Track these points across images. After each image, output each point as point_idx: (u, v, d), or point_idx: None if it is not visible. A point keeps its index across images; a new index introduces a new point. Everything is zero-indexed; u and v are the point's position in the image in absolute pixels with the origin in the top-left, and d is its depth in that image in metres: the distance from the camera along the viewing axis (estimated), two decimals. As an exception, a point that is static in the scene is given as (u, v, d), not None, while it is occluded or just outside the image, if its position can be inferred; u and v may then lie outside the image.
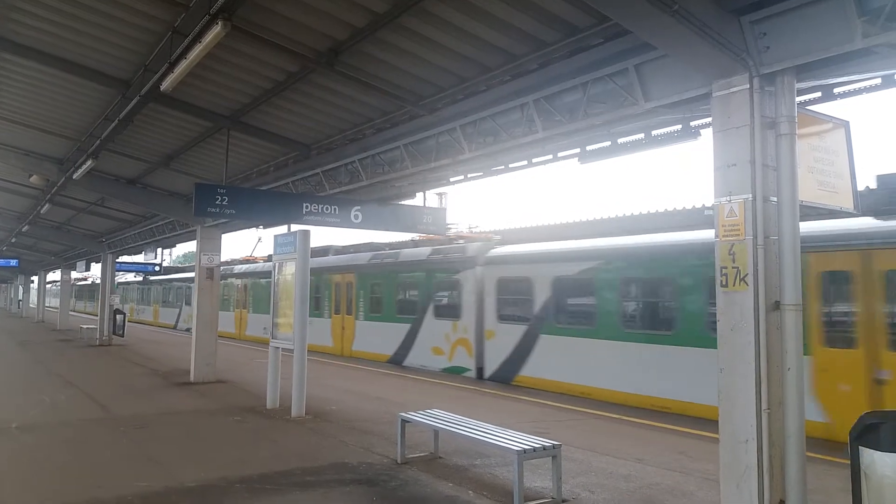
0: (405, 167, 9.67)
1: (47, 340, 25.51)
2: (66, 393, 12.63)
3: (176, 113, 10.50)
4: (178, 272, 40.39)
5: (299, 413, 10.06)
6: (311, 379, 10.63)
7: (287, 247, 10.78)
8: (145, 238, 21.99)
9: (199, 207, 9.45)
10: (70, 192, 16.49)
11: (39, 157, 14.47)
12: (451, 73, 7.95)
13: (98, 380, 14.66)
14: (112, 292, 25.38)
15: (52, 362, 18.13)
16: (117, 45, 8.53)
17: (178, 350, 20.97)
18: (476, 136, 8.44)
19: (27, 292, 52.23)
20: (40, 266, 40.64)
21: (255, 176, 13.16)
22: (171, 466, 7.42)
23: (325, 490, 6.56)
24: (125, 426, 9.60)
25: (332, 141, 10.78)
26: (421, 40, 7.24)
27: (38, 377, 15.21)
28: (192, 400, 12.01)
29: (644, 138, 7.46)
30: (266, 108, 9.87)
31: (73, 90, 10.37)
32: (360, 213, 10.53)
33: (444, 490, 6.55)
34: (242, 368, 16.30)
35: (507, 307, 14.73)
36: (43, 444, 8.49)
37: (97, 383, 14.04)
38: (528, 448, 6.09)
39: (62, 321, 33.33)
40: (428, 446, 7.96)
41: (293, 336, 10.27)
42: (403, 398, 11.80)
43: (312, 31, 7.39)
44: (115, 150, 12.50)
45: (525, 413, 10.75)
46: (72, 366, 17.35)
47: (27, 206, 21.94)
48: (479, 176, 10.30)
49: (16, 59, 9.36)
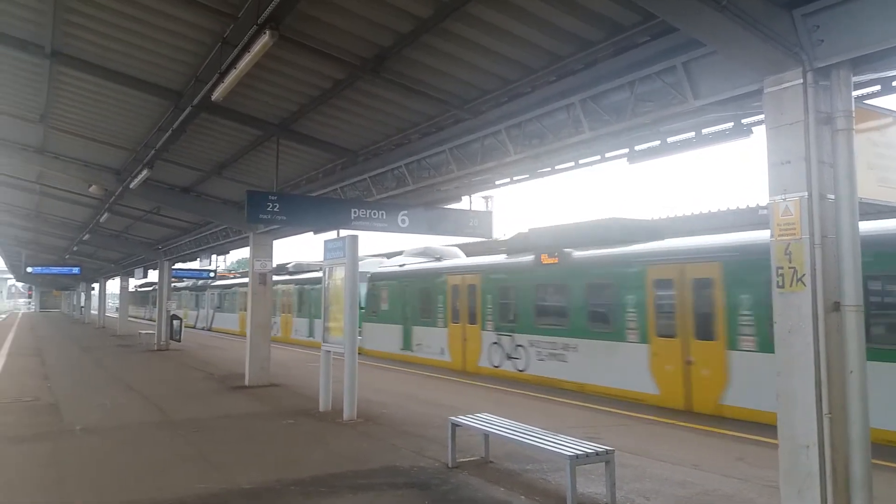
0: (450, 171, 9.70)
1: (108, 346, 26.40)
2: (127, 396, 13.05)
3: (227, 122, 10.74)
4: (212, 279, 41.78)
5: (351, 416, 10.17)
6: (363, 383, 10.73)
7: (336, 252, 10.92)
8: (200, 245, 22.56)
9: (252, 214, 9.64)
10: (127, 201, 17.05)
11: (98, 167, 14.99)
12: (496, 75, 7.94)
13: (156, 384, 15.12)
14: (169, 298, 26.10)
15: (112, 367, 18.77)
16: (169, 57, 8.77)
17: (233, 354, 21.44)
18: (521, 138, 8.41)
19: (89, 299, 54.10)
20: (100, 273, 42.02)
21: (304, 182, 13.37)
22: (227, 468, 7.59)
23: (377, 493, 6.61)
24: (183, 429, 9.87)
25: (378, 146, 10.88)
26: (465, 44, 7.25)
27: (99, 381, 15.77)
28: (247, 403, 12.27)
29: (694, 137, 7.31)
30: (314, 116, 10.02)
31: (129, 102, 10.69)
32: (407, 217, 10.59)
33: (496, 495, 6.53)
34: (295, 372, 16.57)
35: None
36: (105, 446, 8.79)
37: (155, 387, 14.47)
38: (580, 453, 6.03)
39: (122, 327, 34.44)
40: (479, 450, 7.95)
41: (344, 340, 10.40)
42: (456, 402, 11.81)
43: (357, 38, 7.48)
44: (169, 159, 12.86)
45: (574, 417, 10.65)
46: (131, 370, 17.93)
47: (87, 216, 22.75)
48: (525, 178, 10.25)
49: (74, 74, 9.72)
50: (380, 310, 21.72)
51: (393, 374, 16.24)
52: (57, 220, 25.65)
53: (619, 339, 12.81)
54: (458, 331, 17.78)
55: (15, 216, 26.58)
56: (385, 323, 21.36)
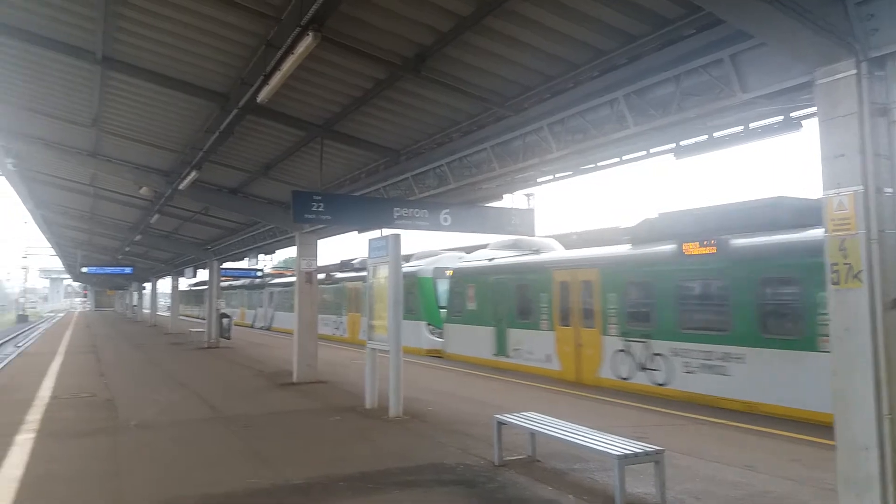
0: (492, 168, 9.69)
1: (160, 343, 27.13)
2: (179, 393, 13.40)
3: (272, 123, 10.92)
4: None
5: (397, 413, 10.25)
6: (408, 380, 10.80)
7: (380, 251, 11.00)
8: (247, 245, 22.99)
9: (297, 214, 9.78)
10: (176, 202, 17.49)
11: (148, 169, 15.40)
12: (537, 71, 7.90)
13: (207, 381, 15.50)
14: (218, 297, 26.65)
15: (164, 364, 19.29)
16: (216, 60, 8.94)
17: (280, 352, 21.80)
18: (564, 134, 8.35)
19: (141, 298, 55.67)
20: (152, 273, 43.17)
21: (347, 182, 13.51)
22: (277, 464, 7.74)
23: (425, 490, 6.66)
24: (233, 424, 10.09)
25: (420, 145, 10.93)
26: (506, 40, 7.23)
27: (152, 378, 16.23)
28: (295, 400, 12.47)
29: (742, 131, 7.15)
30: (356, 116, 10.11)
31: (177, 105, 10.95)
32: (449, 216, 10.59)
33: (544, 494, 6.51)
34: (341, 369, 16.77)
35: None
36: (159, 441, 9.05)
37: (206, 384, 14.84)
38: (628, 453, 5.97)
39: (173, 325, 35.35)
40: (525, 449, 7.93)
41: (388, 338, 10.48)
42: (500, 401, 11.79)
43: (399, 37, 7.53)
44: (217, 160, 13.14)
45: (624, 417, 10.53)
46: (182, 367, 18.39)
47: (139, 217, 23.40)
48: (568, 175, 10.16)
49: (124, 78, 9.99)
50: (465, 310, 19.12)
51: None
52: (110, 221, 26.45)
53: (806, 348, 10.13)
54: (568, 335, 15.06)
55: (71, 218, 27.52)
56: (472, 324, 18.75)
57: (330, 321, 29.13)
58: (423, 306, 22.25)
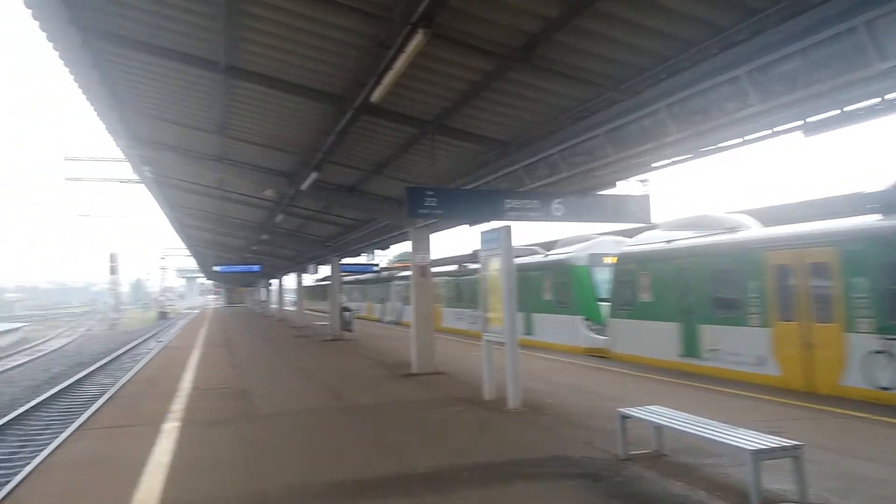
0: (606, 155, 9.47)
1: (287, 336, 28.52)
2: (306, 383, 14.07)
3: (385, 122, 11.18)
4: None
5: (516, 405, 10.27)
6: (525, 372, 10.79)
7: (492, 243, 11.04)
8: (364, 241, 23.74)
9: (411, 209, 9.99)
10: (298, 201, 18.32)
11: (271, 172, 16.20)
12: (652, 52, 7.62)
13: (332, 371, 16.17)
14: (340, 292, 27.67)
15: (291, 356, 20.30)
16: (330, 63, 9.23)
17: (400, 344, 22.35)
18: (683, 115, 8.04)
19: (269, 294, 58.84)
20: (278, 270, 45.44)
21: (458, 176, 13.62)
22: (402, 452, 7.97)
23: (549, 483, 6.64)
24: (358, 413, 10.49)
25: (529, 135, 10.84)
26: (617, 23, 7.04)
27: (281, 369, 17.16)
28: (416, 390, 12.78)
29: (879, 103, 6.58)
30: (465, 110, 10.16)
31: (295, 109, 11.41)
32: (562, 205, 10.44)
33: (673, 489, 6.31)
34: (459, 360, 16.98)
35: None
36: (289, 429, 9.54)
37: (331, 374, 15.48)
38: (763, 448, 5.68)
39: (299, 319, 37.09)
40: (650, 443, 7.71)
41: (503, 329, 10.51)
42: (619, 393, 11.57)
43: (506, 28, 7.49)
44: (334, 160, 13.63)
45: (756, 410, 10.02)
46: (308, 359, 19.29)
47: (264, 217, 24.70)
48: (687, 158, 9.71)
49: (246, 85, 10.54)
50: (637, 302, 16.24)
51: (545, 362, 15.97)
52: (237, 221, 28.07)
53: None
54: (792, 332, 11.94)
55: (203, 220, 29.49)
56: (648, 320, 15.83)
57: (466, 316, 26.41)
58: (578, 299, 19.29)
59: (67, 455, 8.58)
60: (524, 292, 17.27)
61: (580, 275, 19.47)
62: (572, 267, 19.72)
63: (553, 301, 20.47)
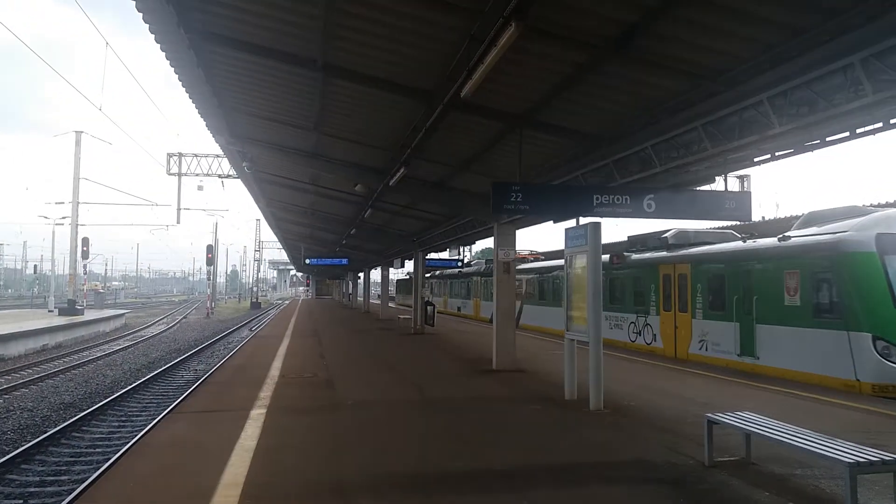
0: (704, 149, 9.08)
1: (371, 329, 29.03)
2: (388, 375, 14.26)
3: (473, 117, 11.12)
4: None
5: (597, 406, 10.02)
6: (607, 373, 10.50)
7: (578, 240, 10.79)
8: (449, 236, 23.83)
9: (497, 205, 9.91)
10: (386, 197, 18.57)
11: (361, 167, 16.49)
12: (755, 40, 7.23)
13: (413, 364, 16.32)
14: (423, 286, 27.89)
15: (375, 348, 20.64)
16: (421, 59, 9.27)
17: (481, 339, 22.33)
18: (787, 107, 7.60)
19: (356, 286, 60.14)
20: (365, 263, 46.37)
21: (545, 172, 13.43)
22: (480, 448, 7.90)
23: (629, 487, 6.43)
24: (438, 408, 10.51)
25: (622, 129, 10.53)
26: (720, 10, 6.71)
27: (365, 360, 17.49)
28: (495, 387, 12.69)
29: None
30: (555, 103, 9.96)
31: (386, 105, 11.55)
32: (654, 201, 10.08)
33: (760, 498, 5.98)
34: (539, 358, 16.78)
35: None
36: (372, 420, 9.65)
37: (412, 367, 15.63)
38: (861, 461, 5.28)
39: (383, 312, 37.71)
40: (737, 450, 7.35)
41: (587, 329, 10.26)
42: (706, 397, 11.10)
43: (601, 17, 7.28)
44: (422, 156, 13.71)
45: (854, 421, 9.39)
46: (391, 351, 19.54)
47: (353, 212, 25.20)
48: (790, 153, 9.21)
49: (341, 83, 10.74)
50: None
51: (629, 363, 15.42)
52: (328, 216, 28.78)
53: None
54: None
55: (295, 214, 30.42)
56: None
57: (616, 322, 20.53)
58: (858, 304, 12.34)
59: (162, 436, 8.97)
60: (739, 292, 14.78)
61: (863, 266, 12.46)
62: (846, 255, 12.64)
63: (802, 308, 13.31)
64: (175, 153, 34.48)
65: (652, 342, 18.60)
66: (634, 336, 19.50)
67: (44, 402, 16.01)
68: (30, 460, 10.87)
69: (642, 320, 19.22)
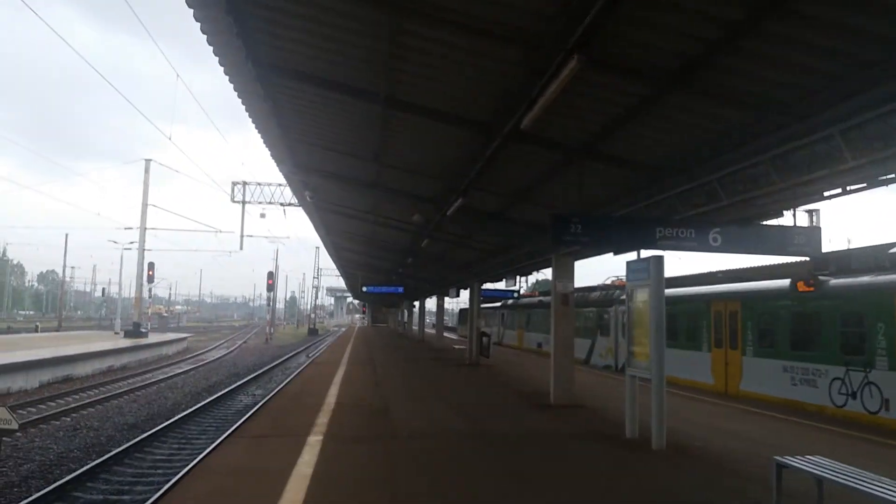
0: (771, 182, 8.79)
1: (425, 358, 29.01)
2: (444, 405, 14.16)
3: (531, 148, 11.09)
4: None
5: (660, 446, 9.70)
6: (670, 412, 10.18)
7: (640, 273, 10.58)
8: (505, 266, 23.71)
9: (556, 236, 9.80)
10: (443, 227, 18.65)
11: (419, 198, 16.63)
12: (824, 73, 7.00)
13: (468, 396, 16.20)
14: (478, 317, 27.78)
15: (430, 378, 20.60)
16: (481, 91, 9.34)
17: (536, 372, 22.04)
18: (860, 140, 7.29)
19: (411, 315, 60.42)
20: (420, 293, 46.58)
21: (605, 203, 13.25)
22: (538, 487, 7.72)
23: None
24: (492, 441, 10.34)
25: (685, 162, 10.32)
26: (786, 42, 6.53)
27: (420, 391, 17.43)
28: (552, 422, 12.45)
29: None
30: (617, 134, 9.84)
31: (445, 136, 11.66)
32: (720, 235, 9.80)
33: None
34: (598, 393, 16.42)
35: None
36: (427, 451, 9.57)
37: (467, 399, 15.51)
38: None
39: (438, 341, 37.67)
40: (810, 496, 6.97)
41: (650, 365, 9.99)
42: (777, 440, 10.61)
43: (664, 50, 7.19)
44: (479, 187, 13.73)
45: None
46: (446, 382, 19.47)
47: (409, 241, 25.40)
48: (862, 188, 8.83)
49: (402, 115, 10.90)
50: None
51: (697, 403, 14.80)
52: (385, 245, 29.10)
53: None
54: None
55: (353, 242, 30.89)
56: None
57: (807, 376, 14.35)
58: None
59: (221, 460, 9.12)
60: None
61: None
62: None
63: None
64: (239, 181, 35.51)
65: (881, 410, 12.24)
66: (844, 399, 13.21)
67: (108, 422, 16.51)
68: (95, 479, 11.17)
69: (861, 375, 12.81)
